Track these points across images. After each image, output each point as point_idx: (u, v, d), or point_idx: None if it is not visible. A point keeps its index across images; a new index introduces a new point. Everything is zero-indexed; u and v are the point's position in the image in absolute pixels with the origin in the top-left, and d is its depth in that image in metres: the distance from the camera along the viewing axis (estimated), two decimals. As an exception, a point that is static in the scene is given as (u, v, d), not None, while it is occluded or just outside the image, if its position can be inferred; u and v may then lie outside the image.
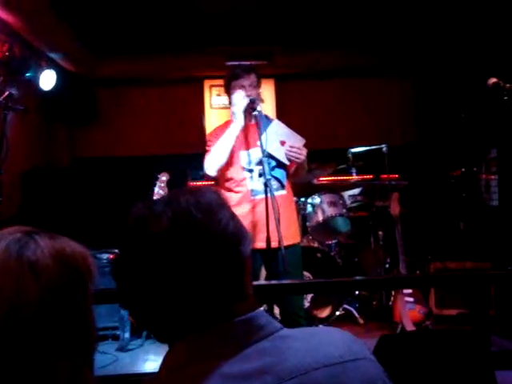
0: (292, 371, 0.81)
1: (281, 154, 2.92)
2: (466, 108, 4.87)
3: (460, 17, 4.61)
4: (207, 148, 3.01)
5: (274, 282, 2.65)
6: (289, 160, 2.93)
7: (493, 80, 2.56)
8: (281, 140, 2.92)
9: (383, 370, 0.90)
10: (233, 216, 0.91)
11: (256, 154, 2.89)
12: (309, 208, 4.48)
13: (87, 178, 5.63)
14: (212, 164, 2.91)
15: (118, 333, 4.02)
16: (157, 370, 0.86)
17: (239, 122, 2.87)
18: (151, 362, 3.72)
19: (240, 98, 2.87)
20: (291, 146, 2.89)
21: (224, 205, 0.91)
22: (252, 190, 2.91)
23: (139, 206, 0.90)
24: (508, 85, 2.50)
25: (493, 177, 4.89)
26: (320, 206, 4.42)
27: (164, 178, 3.75)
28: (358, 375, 0.85)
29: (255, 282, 2.87)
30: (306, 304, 4.26)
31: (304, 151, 2.91)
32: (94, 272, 0.95)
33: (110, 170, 5.68)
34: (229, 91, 3.02)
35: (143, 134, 5.81)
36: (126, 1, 4.43)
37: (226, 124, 3.10)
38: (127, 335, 3.98)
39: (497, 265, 4.31)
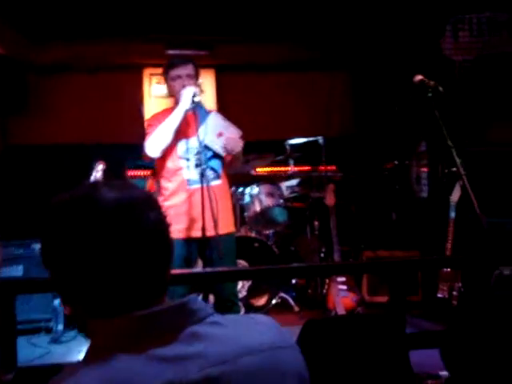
0: (220, 357, 0.84)
1: (217, 146, 2.95)
2: (399, 102, 5.06)
3: (394, 12, 4.77)
4: (147, 131, 2.99)
5: (209, 269, 2.69)
6: (225, 151, 2.96)
7: (418, 77, 2.69)
8: (218, 131, 2.95)
9: (303, 360, 0.95)
10: (156, 209, 0.93)
11: (193, 143, 2.90)
12: (246, 198, 4.54)
13: (20, 166, 5.45)
14: (156, 145, 2.89)
15: (50, 325, 3.94)
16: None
17: (185, 104, 2.86)
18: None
19: (188, 92, 2.88)
20: (228, 138, 2.93)
21: (147, 200, 0.93)
22: (188, 180, 2.93)
23: (62, 194, 0.91)
24: (432, 82, 2.64)
25: (423, 169, 5.11)
26: (258, 196, 4.48)
27: (100, 166, 3.70)
28: (279, 364, 0.89)
29: (191, 270, 2.90)
30: (244, 293, 4.33)
31: (240, 143, 2.96)
32: None
33: (45, 158, 5.51)
34: (166, 80, 3.03)
35: (80, 122, 5.66)
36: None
37: (166, 111, 3.09)
38: (60, 327, 3.90)
39: (425, 253, 4.53)
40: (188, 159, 2.94)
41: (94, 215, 0.85)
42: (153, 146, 2.89)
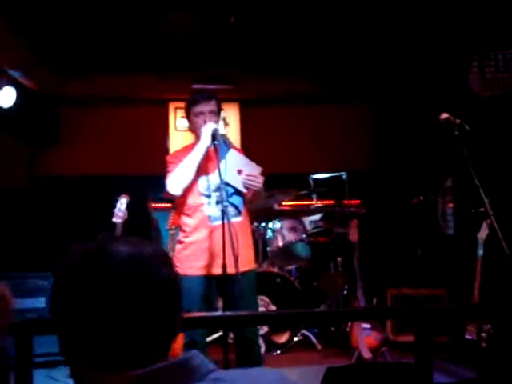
0: None
1: (238, 183, 2.94)
2: (424, 137, 5.02)
3: (420, 46, 4.77)
4: (168, 169, 3.00)
5: (229, 313, 2.64)
6: (246, 188, 2.95)
7: (444, 115, 2.65)
8: (238, 169, 2.94)
9: None
10: (168, 266, 0.92)
11: (214, 180, 2.90)
12: (269, 233, 4.51)
13: (46, 198, 5.53)
14: (177, 183, 2.89)
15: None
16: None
17: (206, 141, 2.88)
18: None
19: (208, 129, 2.90)
20: (248, 175, 2.92)
21: (160, 256, 0.92)
22: (209, 216, 2.91)
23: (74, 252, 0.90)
24: (458, 120, 2.60)
25: (449, 206, 5.02)
26: (280, 231, 4.45)
27: (124, 200, 3.71)
28: None
29: (211, 314, 2.86)
30: (265, 329, 4.26)
31: (261, 179, 2.93)
32: (8, 307, 0.94)
33: (70, 190, 5.59)
34: (188, 116, 3.04)
35: (106, 154, 5.76)
36: (93, 21, 4.43)
37: (186, 148, 3.10)
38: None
39: (451, 292, 4.41)
40: (209, 196, 2.93)
41: (105, 269, 0.85)
42: (174, 184, 2.89)
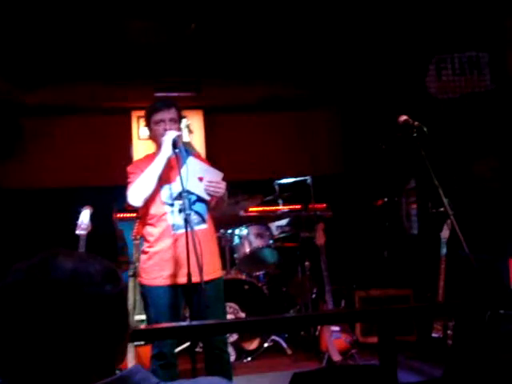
0: None
1: (200, 190, 2.92)
2: (387, 140, 5.10)
3: (381, 51, 4.85)
4: (129, 180, 2.96)
5: (196, 322, 2.60)
6: (208, 195, 2.93)
7: (403, 118, 2.70)
8: (198, 176, 2.92)
9: None
10: (115, 284, 0.90)
11: (176, 188, 2.87)
12: (236, 240, 4.49)
13: (6, 210, 5.39)
14: (138, 194, 2.86)
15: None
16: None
17: (167, 151, 2.85)
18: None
19: (169, 138, 2.87)
20: (209, 181, 2.90)
21: (106, 273, 0.90)
22: (173, 225, 2.88)
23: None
24: (416, 122, 2.65)
25: (412, 206, 5.11)
26: (247, 237, 4.44)
27: (87, 211, 3.65)
28: None
29: (178, 324, 2.82)
30: (235, 336, 4.24)
31: (222, 185, 2.92)
32: None
33: (31, 202, 5.45)
34: (149, 125, 3.01)
35: (68, 165, 5.65)
36: (53, 30, 4.36)
37: (147, 157, 3.07)
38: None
39: (418, 291, 4.48)
40: (172, 204, 2.90)
41: (46, 283, 0.83)
42: (135, 195, 2.86)
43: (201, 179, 2.92)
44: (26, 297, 0.83)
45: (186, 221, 2.61)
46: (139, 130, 5.90)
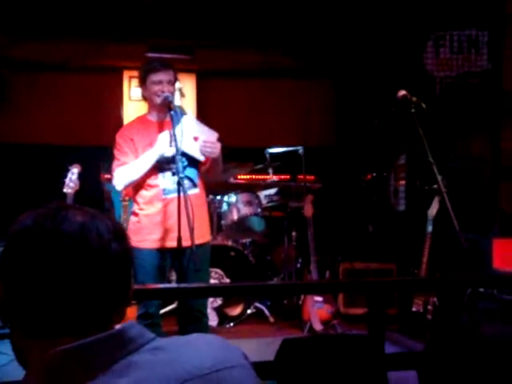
0: None
1: (195, 151, 2.88)
2: (380, 115, 5.08)
3: (379, 24, 4.79)
4: (115, 151, 2.93)
5: (184, 285, 2.62)
6: (203, 155, 2.89)
7: (402, 92, 2.70)
8: (194, 136, 2.87)
9: (255, 376, 0.92)
10: (121, 241, 0.90)
11: (170, 152, 2.83)
12: (224, 206, 4.49)
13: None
14: (122, 182, 2.91)
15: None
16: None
17: (160, 149, 2.80)
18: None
19: (164, 138, 2.80)
20: (205, 141, 2.86)
21: (114, 230, 0.90)
22: (164, 189, 2.86)
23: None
24: (415, 98, 2.64)
25: (401, 182, 5.13)
26: (235, 204, 4.43)
27: (76, 170, 3.61)
28: (230, 383, 0.85)
29: (166, 285, 2.84)
30: (218, 302, 4.27)
31: (218, 145, 2.88)
32: None
33: (18, 157, 5.37)
34: (145, 84, 2.94)
35: (56, 123, 5.55)
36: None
37: (138, 121, 3.03)
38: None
39: (401, 266, 4.54)
40: (164, 168, 2.87)
41: (55, 234, 0.83)
42: (119, 182, 2.90)
43: (196, 139, 2.87)
44: (33, 244, 0.83)
45: (179, 184, 2.59)
46: (130, 91, 5.80)
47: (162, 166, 2.85)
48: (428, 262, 3.95)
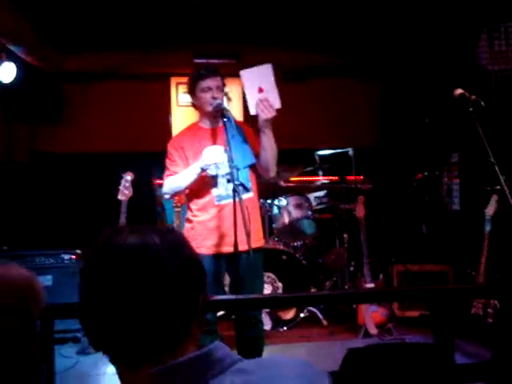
0: None
1: (251, 107, 2.77)
2: (430, 113, 4.96)
3: (427, 22, 4.67)
4: (167, 160, 2.97)
5: (243, 296, 2.61)
6: (256, 111, 2.77)
7: (459, 91, 2.61)
8: (260, 86, 2.76)
9: None
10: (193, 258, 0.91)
11: (212, 170, 2.84)
12: (275, 210, 4.48)
13: (48, 174, 5.49)
14: (169, 191, 2.97)
15: (78, 335, 3.93)
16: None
17: (203, 164, 2.79)
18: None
19: (218, 153, 2.79)
20: (265, 99, 2.75)
21: (172, 247, 0.90)
22: (218, 195, 2.87)
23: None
24: (473, 96, 2.55)
25: (454, 181, 4.99)
26: (286, 208, 4.42)
27: (129, 177, 3.70)
28: None
29: (224, 297, 2.84)
30: (271, 305, 4.27)
31: (273, 112, 2.76)
32: (40, 296, 0.95)
33: (74, 166, 5.54)
34: (194, 92, 2.93)
35: (108, 131, 5.70)
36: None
37: (189, 130, 3.04)
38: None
39: (457, 268, 4.41)
40: (217, 175, 2.87)
41: (114, 263, 0.84)
42: (167, 191, 2.97)
43: (261, 90, 2.75)
44: (100, 278, 0.84)
45: (235, 191, 2.59)
46: (178, 97, 5.89)
47: (213, 174, 2.86)
48: (486, 263, 3.82)
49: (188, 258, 0.90)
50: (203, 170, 2.80)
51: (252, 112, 2.79)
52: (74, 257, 4.10)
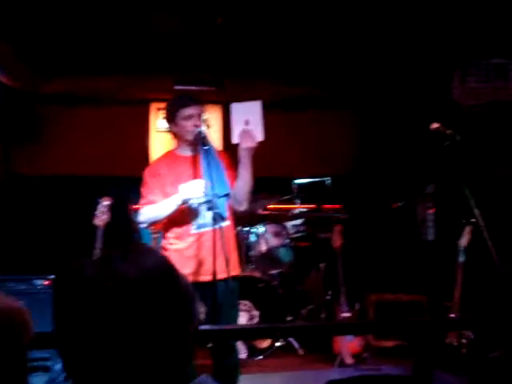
0: None
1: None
2: (407, 144, 5.06)
3: (406, 60, 4.80)
4: (143, 189, 2.94)
5: (220, 327, 2.59)
6: (238, 141, 2.84)
7: (435, 125, 2.68)
8: (246, 119, 2.85)
9: None
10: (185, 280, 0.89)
11: (194, 201, 2.84)
12: (252, 237, 4.49)
13: (23, 196, 5.39)
14: (145, 221, 2.95)
15: (48, 364, 3.82)
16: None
17: (179, 200, 2.79)
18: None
19: (200, 188, 2.78)
20: (250, 130, 2.83)
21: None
22: (195, 224, 2.86)
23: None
24: (449, 131, 2.62)
25: (429, 211, 5.06)
26: (264, 235, 4.43)
27: (106, 202, 3.66)
28: None
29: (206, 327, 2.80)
30: (247, 334, 4.23)
31: (254, 143, 2.84)
32: (29, 326, 0.93)
33: (49, 188, 5.46)
34: (174, 119, 2.91)
35: (85, 154, 5.64)
36: (73, 20, 4.33)
37: (165, 157, 3.04)
38: (58, 366, 3.79)
39: (432, 298, 4.45)
40: (199, 205, 2.87)
41: (85, 294, 0.81)
42: (143, 219, 2.93)
43: (247, 123, 2.85)
44: (76, 299, 0.81)
45: (215, 219, 2.59)
46: (157, 122, 5.89)
47: (195, 206, 2.86)
48: (460, 293, 3.87)
49: (173, 287, 0.86)
50: (185, 202, 2.79)
51: (234, 141, 2.85)
52: (46, 282, 4.01)
